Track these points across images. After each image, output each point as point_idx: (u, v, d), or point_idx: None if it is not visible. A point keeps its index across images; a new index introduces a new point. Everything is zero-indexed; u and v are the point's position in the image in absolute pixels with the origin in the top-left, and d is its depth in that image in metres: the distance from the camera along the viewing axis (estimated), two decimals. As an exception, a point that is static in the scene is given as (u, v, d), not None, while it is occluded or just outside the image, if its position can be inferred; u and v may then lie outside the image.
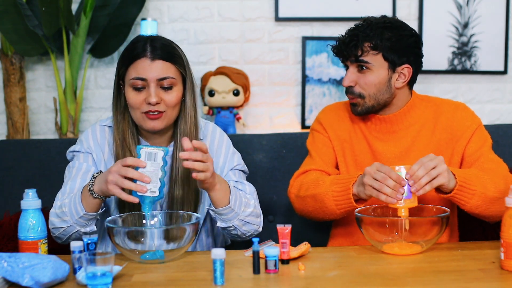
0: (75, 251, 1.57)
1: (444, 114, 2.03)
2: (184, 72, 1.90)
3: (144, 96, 1.84)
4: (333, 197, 1.88)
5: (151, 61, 1.83)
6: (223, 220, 1.83)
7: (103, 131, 1.96)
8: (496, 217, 1.86)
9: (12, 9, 2.76)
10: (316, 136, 2.12)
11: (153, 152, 1.69)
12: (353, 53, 1.96)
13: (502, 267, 1.55)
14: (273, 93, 3.08)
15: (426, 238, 1.70)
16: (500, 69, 3.09)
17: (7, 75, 2.92)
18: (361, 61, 1.96)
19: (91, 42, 2.99)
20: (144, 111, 1.84)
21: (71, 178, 1.89)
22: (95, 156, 1.93)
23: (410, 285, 1.46)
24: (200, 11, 3.04)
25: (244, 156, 2.26)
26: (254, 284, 1.49)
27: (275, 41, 3.06)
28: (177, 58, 1.88)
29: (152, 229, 1.71)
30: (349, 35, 1.98)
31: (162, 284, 1.50)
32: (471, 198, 1.78)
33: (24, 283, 1.44)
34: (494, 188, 1.81)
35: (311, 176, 2.02)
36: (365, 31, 1.95)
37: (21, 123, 2.92)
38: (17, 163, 2.35)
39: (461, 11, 3.05)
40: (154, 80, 1.83)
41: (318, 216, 1.97)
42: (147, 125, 1.86)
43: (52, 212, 1.82)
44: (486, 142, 2.00)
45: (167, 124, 1.88)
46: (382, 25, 1.97)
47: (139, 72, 1.83)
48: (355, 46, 1.95)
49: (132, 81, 1.84)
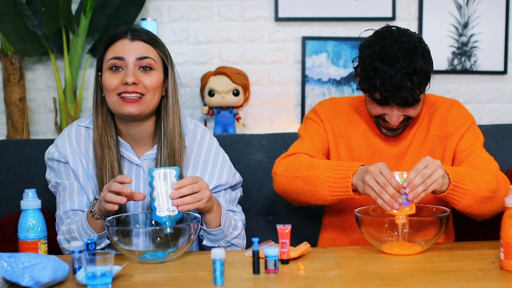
0: (75, 251, 1.57)
1: (439, 111, 2.02)
2: (166, 60, 1.82)
3: (121, 77, 1.76)
4: (328, 183, 1.81)
5: (130, 41, 1.78)
6: (210, 240, 1.82)
7: (79, 133, 1.87)
8: (486, 216, 1.85)
9: (12, 9, 2.76)
10: (310, 124, 2.07)
11: (167, 172, 1.68)
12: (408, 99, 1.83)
13: (502, 267, 1.55)
14: (273, 93, 3.08)
15: (426, 238, 1.70)
16: (500, 69, 3.09)
17: (7, 75, 2.92)
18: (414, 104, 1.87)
19: (91, 42, 2.99)
20: (120, 92, 1.75)
21: (67, 199, 1.85)
22: (72, 164, 1.85)
23: (410, 285, 1.46)
24: (200, 11, 3.04)
25: (244, 156, 2.25)
26: (254, 284, 1.49)
27: (275, 41, 3.06)
28: (158, 44, 1.82)
29: (152, 229, 1.71)
30: (400, 79, 1.79)
31: (162, 284, 1.50)
32: (463, 198, 1.77)
33: (24, 283, 1.44)
34: (486, 187, 1.79)
35: (302, 157, 1.94)
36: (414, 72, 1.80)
37: (21, 123, 2.92)
38: (17, 163, 2.35)
39: (461, 11, 3.05)
40: (133, 60, 1.76)
41: (304, 199, 1.90)
42: (123, 109, 1.75)
43: (61, 238, 1.81)
44: (478, 139, 1.99)
45: (146, 111, 1.78)
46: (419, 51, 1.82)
47: (117, 52, 1.77)
48: (411, 92, 1.82)
49: (110, 61, 1.77)
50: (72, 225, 1.78)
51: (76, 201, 1.84)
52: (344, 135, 2.05)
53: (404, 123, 1.94)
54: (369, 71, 1.83)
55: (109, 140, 1.81)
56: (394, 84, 1.79)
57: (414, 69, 1.79)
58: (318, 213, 2.31)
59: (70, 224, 1.79)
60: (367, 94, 1.89)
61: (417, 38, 1.87)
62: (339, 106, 2.09)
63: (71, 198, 1.84)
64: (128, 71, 1.76)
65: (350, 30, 3.05)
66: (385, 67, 1.80)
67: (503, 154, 2.38)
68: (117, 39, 1.79)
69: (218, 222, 1.78)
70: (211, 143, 1.93)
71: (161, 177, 1.68)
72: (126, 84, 1.75)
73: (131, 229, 1.72)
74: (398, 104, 1.85)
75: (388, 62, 1.80)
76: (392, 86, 1.79)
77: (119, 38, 1.79)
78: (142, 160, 1.87)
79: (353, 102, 2.10)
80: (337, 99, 2.13)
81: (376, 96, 1.86)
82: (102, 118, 1.82)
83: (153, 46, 1.81)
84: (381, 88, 1.82)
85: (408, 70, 1.79)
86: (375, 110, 1.92)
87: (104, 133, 1.81)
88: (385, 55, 1.81)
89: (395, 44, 1.82)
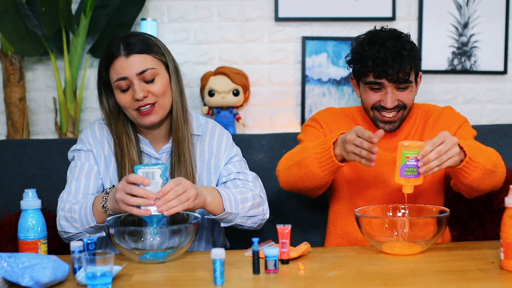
0: (75, 251, 1.57)
1: (432, 117, 2.10)
2: (164, 57, 1.88)
3: (131, 94, 1.84)
4: (316, 159, 1.85)
5: (126, 58, 1.83)
6: (225, 222, 1.84)
7: (102, 129, 1.97)
8: (486, 190, 1.89)
9: (12, 9, 2.76)
10: (310, 130, 2.13)
11: (150, 171, 1.66)
12: (399, 74, 1.95)
13: (502, 267, 1.55)
14: (273, 93, 3.08)
15: (426, 238, 1.70)
16: (500, 69, 3.09)
17: (7, 75, 2.92)
18: (406, 81, 1.98)
19: (91, 42, 2.99)
20: (136, 108, 1.85)
21: (74, 178, 1.90)
22: (95, 152, 1.93)
23: (410, 285, 1.46)
24: (200, 11, 3.04)
25: (244, 156, 2.25)
26: (254, 284, 1.49)
27: (275, 41, 3.06)
28: (152, 46, 1.86)
29: (152, 229, 1.71)
30: (390, 55, 1.94)
31: (162, 284, 1.50)
32: (473, 171, 1.79)
33: (24, 283, 1.44)
34: (490, 160, 1.83)
35: (296, 147, 2.01)
36: (403, 49, 1.95)
37: (21, 123, 2.91)
38: (17, 163, 2.35)
39: (461, 11, 3.05)
40: (135, 76, 1.83)
41: (304, 184, 1.93)
42: (144, 121, 1.86)
43: (61, 215, 1.82)
44: (472, 134, 2.06)
45: (163, 114, 1.88)
46: (406, 38, 1.99)
47: (119, 73, 1.83)
48: (400, 66, 1.94)
49: (116, 83, 1.85)
50: (75, 205, 1.80)
51: (83, 182, 1.89)
52: None
53: (400, 115, 2.02)
54: (361, 53, 1.98)
55: (128, 143, 1.90)
56: (385, 59, 1.93)
57: (402, 47, 1.95)
58: (319, 213, 2.31)
59: (74, 204, 1.81)
60: (361, 78, 2.01)
61: (406, 34, 2.02)
62: (336, 115, 2.16)
63: (78, 178, 1.89)
64: (135, 88, 1.83)
65: (350, 30, 3.05)
66: (375, 47, 1.95)
67: (503, 154, 2.38)
68: (114, 59, 1.84)
69: (222, 207, 1.79)
70: (222, 131, 2.04)
71: (145, 176, 1.66)
72: (137, 100, 1.83)
73: (131, 229, 1.72)
74: (390, 80, 1.95)
75: (377, 43, 1.96)
76: (383, 61, 1.93)
77: (115, 57, 1.84)
78: (160, 154, 1.95)
79: (349, 111, 2.18)
80: (334, 109, 2.21)
81: (369, 79, 1.98)
82: (118, 122, 1.92)
83: (148, 53, 1.85)
84: (373, 66, 1.94)
85: (396, 49, 1.94)
86: (371, 99, 2.01)
87: (122, 137, 1.90)
88: (374, 40, 1.98)
89: (383, 33, 2.00)
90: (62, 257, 1.57)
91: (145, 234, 1.67)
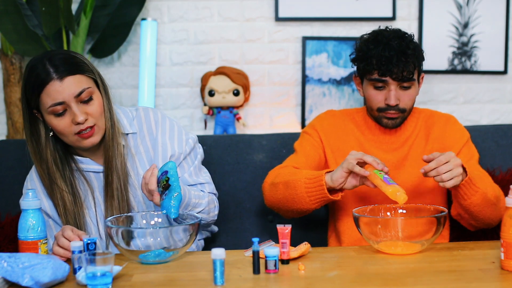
0: (75, 251, 1.57)
1: (436, 125, 2.12)
2: (93, 74, 1.82)
3: (69, 118, 1.77)
4: (305, 184, 1.89)
5: (60, 82, 1.74)
6: None
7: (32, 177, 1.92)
8: (485, 222, 1.93)
9: (12, 9, 2.76)
10: (306, 138, 2.16)
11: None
12: (404, 73, 1.97)
13: (502, 267, 1.55)
14: (273, 93, 3.08)
15: (423, 238, 1.70)
16: (500, 69, 3.08)
17: (7, 75, 2.92)
18: (410, 79, 2.00)
19: (91, 42, 2.99)
20: (76, 132, 1.78)
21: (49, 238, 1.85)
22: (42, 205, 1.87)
23: (410, 285, 1.46)
24: (200, 11, 3.04)
25: (244, 156, 2.26)
26: (254, 284, 1.49)
27: (275, 41, 3.06)
28: (81, 65, 1.80)
29: (152, 229, 1.71)
30: (394, 53, 1.97)
31: (162, 284, 1.50)
32: (473, 195, 1.83)
33: (24, 283, 1.44)
34: (493, 192, 1.88)
35: (288, 168, 2.04)
36: (407, 49, 1.97)
37: (21, 123, 2.92)
38: (17, 163, 2.35)
39: (461, 11, 3.05)
40: (72, 99, 1.75)
41: (288, 205, 1.96)
42: (85, 144, 1.80)
43: None
44: (474, 156, 2.09)
45: (102, 134, 1.83)
46: (410, 38, 2.02)
47: (54, 98, 1.74)
48: (405, 65, 1.97)
49: (50, 108, 1.75)
50: None
51: None
52: (341, 148, 2.11)
53: (400, 114, 2.04)
54: (365, 51, 2.00)
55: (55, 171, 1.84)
56: (390, 58, 1.95)
57: (407, 46, 1.97)
58: (319, 214, 2.31)
59: None
60: (366, 76, 2.03)
61: (409, 34, 2.05)
62: (336, 118, 2.17)
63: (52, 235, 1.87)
64: (74, 111, 1.76)
65: (350, 30, 3.05)
66: (380, 46, 1.98)
67: (503, 154, 2.38)
68: (46, 84, 1.74)
69: None
70: (155, 115, 1.95)
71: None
72: (78, 124, 1.76)
73: (132, 229, 1.72)
74: (394, 79, 1.97)
75: (382, 42, 1.99)
76: (388, 60, 1.95)
77: (47, 82, 1.74)
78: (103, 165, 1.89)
79: (349, 113, 2.20)
80: (334, 111, 2.21)
81: (374, 76, 2.00)
82: (50, 151, 1.84)
83: (81, 73, 1.78)
84: (378, 64, 1.97)
85: (401, 48, 1.96)
86: (376, 100, 2.03)
87: (50, 165, 1.84)
88: (379, 39, 2.00)
89: (387, 32, 2.03)
90: (62, 257, 1.58)
91: (145, 234, 1.67)
